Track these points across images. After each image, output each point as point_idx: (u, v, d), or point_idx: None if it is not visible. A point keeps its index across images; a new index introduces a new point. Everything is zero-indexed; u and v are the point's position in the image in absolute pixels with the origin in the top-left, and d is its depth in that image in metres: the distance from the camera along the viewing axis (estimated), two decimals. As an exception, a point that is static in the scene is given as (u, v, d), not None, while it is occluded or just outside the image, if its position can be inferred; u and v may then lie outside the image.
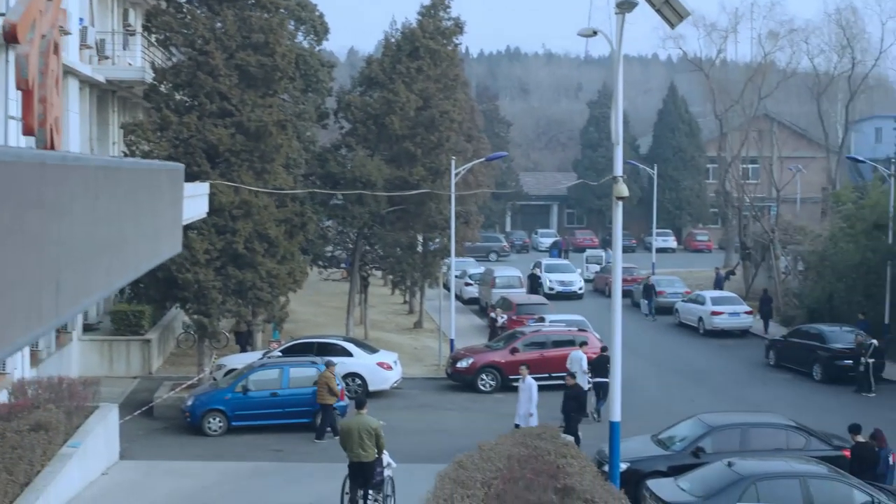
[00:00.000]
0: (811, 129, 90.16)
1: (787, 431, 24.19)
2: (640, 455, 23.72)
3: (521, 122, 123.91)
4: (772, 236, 55.68)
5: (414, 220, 42.95)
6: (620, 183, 22.13)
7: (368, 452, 20.68)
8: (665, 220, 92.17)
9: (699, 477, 21.01)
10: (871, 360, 36.47)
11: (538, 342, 37.40)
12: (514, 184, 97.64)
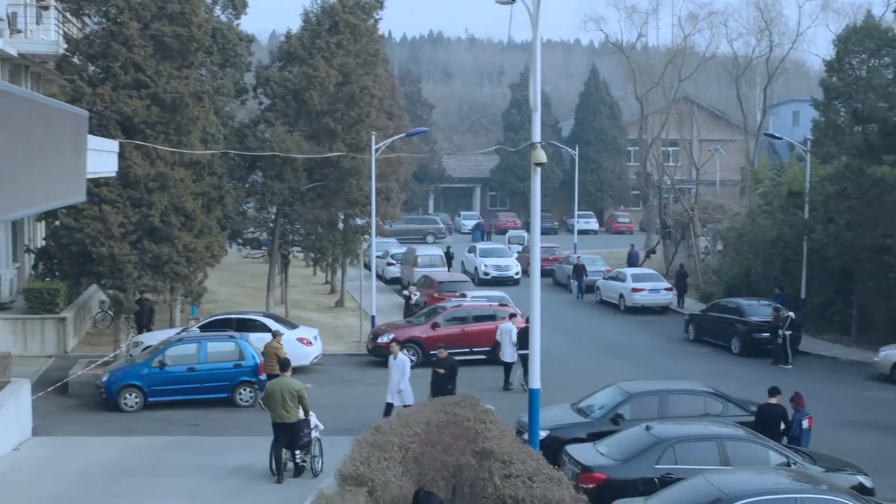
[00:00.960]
0: (730, 112, 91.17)
1: (705, 398, 24.32)
2: (559, 423, 23.69)
3: (445, 106, 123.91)
4: (691, 215, 56.20)
5: (334, 197, 42.56)
6: (538, 149, 22.13)
7: (291, 413, 21.35)
8: (587, 202, 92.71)
9: (618, 441, 21.04)
10: (788, 332, 36.93)
11: (459, 317, 37.31)
12: (437, 166, 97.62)
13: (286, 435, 21.57)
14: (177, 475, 22.16)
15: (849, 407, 30.83)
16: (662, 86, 74.80)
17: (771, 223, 46.46)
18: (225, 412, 29.16)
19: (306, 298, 51.73)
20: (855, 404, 31.37)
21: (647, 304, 48.59)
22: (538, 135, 22.23)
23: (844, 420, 28.81)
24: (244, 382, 29.96)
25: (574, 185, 74.99)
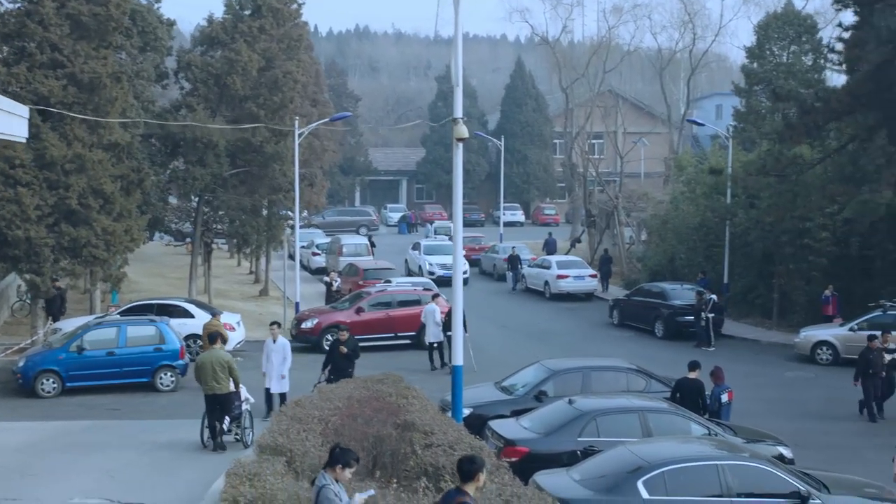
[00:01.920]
0: (655, 104, 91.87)
1: (628, 374, 24.40)
2: (483, 400, 23.60)
3: (371, 100, 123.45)
4: (615, 203, 56.48)
5: (258, 183, 42.17)
6: (460, 124, 21.94)
7: (222, 385, 21.62)
8: (513, 194, 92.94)
9: (541, 415, 20.98)
10: (711, 314, 37.23)
11: (384, 302, 37.16)
12: (364, 159, 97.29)
13: (217, 406, 21.71)
14: (100, 452, 21.78)
15: (770, 387, 31.12)
16: (587, 78, 75.01)
17: (694, 209, 46.87)
18: (146, 397, 28.79)
19: (230, 288, 51.24)
20: (776, 384, 31.68)
21: (572, 291, 48.74)
22: (460, 110, 22.03)
23: (766, 399, 29.09)
24: (165, 367, 29.59)
25: (500, 177, 75.03)
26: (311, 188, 49.04)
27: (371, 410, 18.38)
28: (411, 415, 18.01)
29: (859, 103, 25.27)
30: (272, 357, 25.59)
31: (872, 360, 26.98)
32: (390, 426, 17.53)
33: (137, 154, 35.46)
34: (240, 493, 12.48)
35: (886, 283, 38.12)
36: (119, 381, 29.18)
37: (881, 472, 19.69)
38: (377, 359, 32.29)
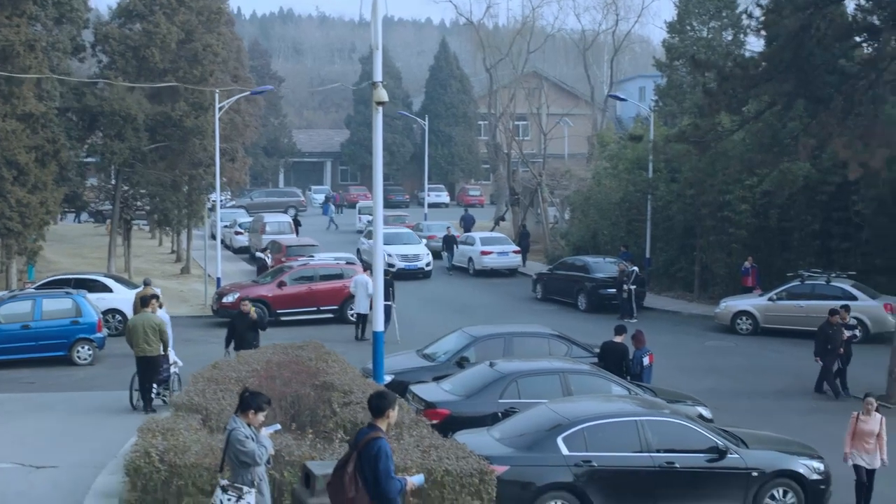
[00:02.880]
0: (579, 86, 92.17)
1: (549, 339, 24.43)
2: (405, 367, 23.48)
3: (295, 83, 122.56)
4: (539, 180, 56.58)
5: (178, 158, 41.60)
6: (380, 88, 21.86)
7: (153, 347, 21.90)
8: (438, 175, 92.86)
9: (462, 378, 20.93)
10: (633, 287, 37.43)
11: (306, 276, 36.90)
12: (287, 140, 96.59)
13: (147, 368, 21.99)
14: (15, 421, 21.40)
15: (691, 355, 31.37)
16: (511, 58, 74.99)
17: (616, 184, 47.11)
18: (63, 370, 28.34)
19: (151, 267, 50.59)
20: (697, 353, 31.94)
21: (495, 267, 48.77)
22: (379, 73, 21.93)
23: (686, 366, 29.31)
24: (82, 340, 29.13)
25: (424, 158, 74.88)
26: (233, 164, 48.52)
27: (290, 373, 18.22)
28: (330, 377, 17.89)
29: (777, 71, 25.44)
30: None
31: (832, 336, 26.05)
32: (309, 387, 17.38)
33: (53, 126, 34.74)
34: (151, 444, 12.26)
35: (804, 254, 38.65)
36: (35, 354, 28.72)
37: (796, 433, 19.89)
38: (300, 332, 31.96)
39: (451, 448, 12.94)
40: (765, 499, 16.87)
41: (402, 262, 47.39)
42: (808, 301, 33.87)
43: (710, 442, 16.93)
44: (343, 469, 10.22)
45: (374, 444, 10.18)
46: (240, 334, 24.90)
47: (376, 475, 10.07)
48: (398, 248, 47.87)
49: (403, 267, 46.94)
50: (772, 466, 17.06)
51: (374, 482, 10.09)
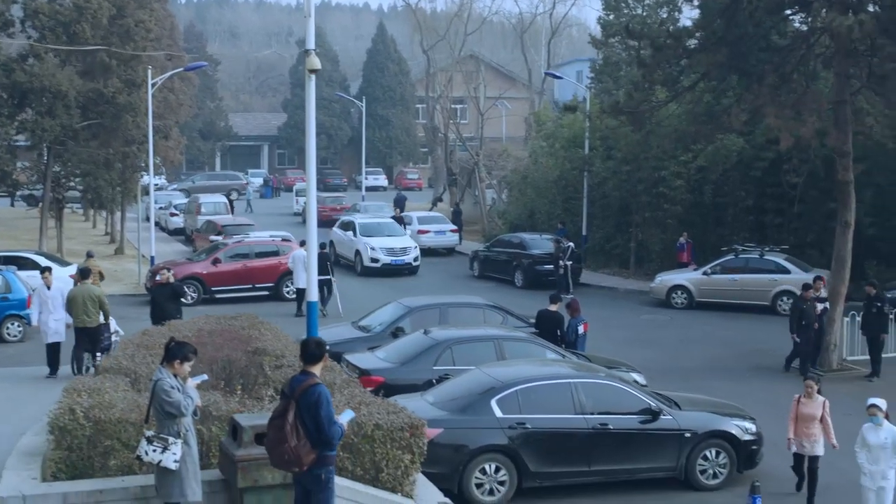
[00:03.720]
0: (517, 70, 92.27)
1: (485, 310, 24.52)
2: (340, 338, 23.35)
3: (232, 67, 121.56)
4: (476, 160, 56.56)
5: (110, 136, 41.00)
6: (313, 55, 21.55)
7: (92, 318, 21.96)
8: (376, 159, 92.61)
9: (396, 346, 20.91)
10: (569, 262, 37.51)
11: (241, 253, 36.59)
12: (224, 123, 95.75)
13: (88, 339, 22.04)
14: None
15: (626, 328, 31.49)
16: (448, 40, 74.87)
17: (553, 163, 47.23)
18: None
19: (84, 248, 49.67)
20: (632, 326, 32.09)
21: (432, 246, 48.61)
22: (312, 42, 21.62)
23: (622, 338, 29.45)
24: (12, 316, 28.66)
25: (362, 141, 74.55)
26: (167, 142, 47.95)
27: (222, 340, 17.97)
28: (263, 343, 17.69)
29: (710, 41, 25.56)
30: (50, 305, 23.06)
31: (806, 312, 25.02)
32: (241, 353, 17.17)
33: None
34: (76, 402, 12.03)
35: (738, 229, 39.02)
36: (-42, 329, 28.19)
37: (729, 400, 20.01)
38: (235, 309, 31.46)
39: (381, 405, 12.85)
40: (698, 459, 17.02)
41: (387, 256, 42.08)
42: (742, 275, 34.21)
43: (644, 404, 17.03)
44: (282, 419, 10.08)
45: (314, 391, 10.06)
46: (160, 306, 24.05)
47: (318, 422, 9.96)
48: (382, 241, 42.76)
49: (389, 262, 41.78)
50: (704, 427, 17.19)
51: (315, 429, 9.97)
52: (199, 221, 50.15)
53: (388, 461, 11.85)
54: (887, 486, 14.23)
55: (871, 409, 14.37)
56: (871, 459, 14.30)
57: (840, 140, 25.38)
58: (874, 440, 14.25)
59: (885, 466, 14.21)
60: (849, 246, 26.13)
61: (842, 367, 26.08)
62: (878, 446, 14.22)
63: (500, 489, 16.18)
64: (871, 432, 14.35)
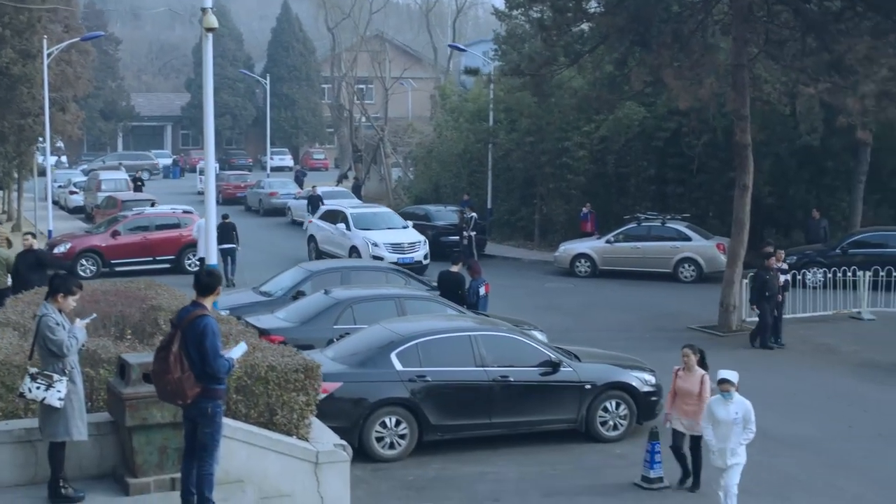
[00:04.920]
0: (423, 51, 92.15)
1: (387, 273, 24.61)
2: (240, 303, 23.06)
3: (134, 48, 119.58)
4: (381, 135, 56.36)
5: (4, 108, 40.03)
6: (209, 14, 21.21)
7: (1, 280, 21.81)
8: (281, 139, 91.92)
9: (297, 307, 20.76)
10: (473, 233, 37.53)
11: (142, 225, 36.02)
12: (126, 103, 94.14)
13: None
14: None
15: (530, 295, 31.55)
16: (353, 19, 74.56)
17: (458, 136, 47.25)
18: None
19: (-21, 224, 48.86)
20: (536, 293, 32.18)
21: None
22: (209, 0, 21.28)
23: (526, 305, 29.45)
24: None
25: (267, 121, 73.90)
26: (64, 115, 46.91)
27: (116, 297, 17.64)
28: (159, 300, 17.38)
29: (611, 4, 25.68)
30: None
31: (769, 282, 24.17)
32: (135, 309, 16.85)
33: None
34: (-43, 347, 11.65)
35: (641, 199, 39.40)
36: None
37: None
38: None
39: (276, 350, 12.66)
40: (598, 410, 17.06)
41: (392, 253, 34.68)
42: (645, 242, 34.56)
43: (544, 356, 17.05)
44: (167, 349, 9.85)
45: (200, 322, 9.83)
46: (23, 276, 21.38)
47: (203, 353, 9.73)
48: (383, 236, 35.51)
49: (395, 261, 33.09)
50: (604, 379, 17.26)
51: (200, 361, 9.74)
52: (100, 198, 49.30)
53: (283, 404, 11.67)
54: (737, 463, 13.09)
55: (724, 385, 13.06)
56: (719, 436, 13.11)
57: (738, 103, 25.69)
58: (723, 415, 13.05)
59: (734, 444, 13.01)
60: (747, 209, 26.48)
61: (741, 328, 26.43)
62: (727, 422, 13.02)
63: (401, 442, 16.08)
64: (719, 406, 13.16)
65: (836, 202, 37.42)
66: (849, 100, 23.77)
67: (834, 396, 20.46)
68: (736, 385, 13.10)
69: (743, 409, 13.02)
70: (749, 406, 13.05)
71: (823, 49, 25.26)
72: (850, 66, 24.26)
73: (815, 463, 16.32)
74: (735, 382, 13.08)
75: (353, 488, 13.10)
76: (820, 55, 25.26)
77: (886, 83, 23.02)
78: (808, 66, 25.63)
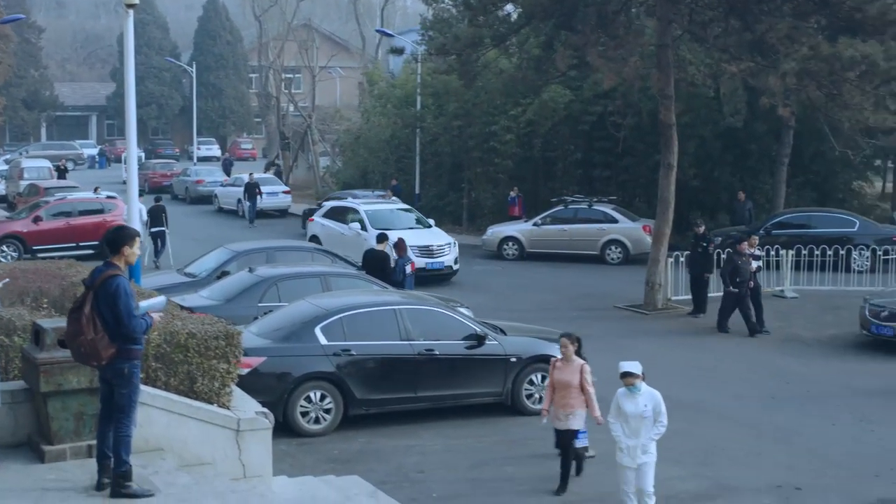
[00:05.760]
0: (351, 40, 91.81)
1: (313, 253, 24.60)
2: (165, 284, 22.80)
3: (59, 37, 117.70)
4: (308, 122, 56.07)
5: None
6: (131, -12, 20.94)
7: None
8: (209, 129, 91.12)
9: (221, 285, 20.67)
10: None
11: (64, 211, 35.47)
12: (49, 93, 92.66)
13: None
14: None
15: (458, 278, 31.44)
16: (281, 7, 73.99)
17: (385, 121, 47.15)
18: None
19: None
20: (464, 274, 31.97)
21: (265, 208, 47.99)
22: (129, -27, 20.98)
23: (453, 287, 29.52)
24: None
25: (193, 111, 73.17)
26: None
27: (35, 275, 17.34)
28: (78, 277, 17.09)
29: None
30: None
31: (741, 267, 23.47)
32: (54, 286, 16.58)
33: None
34: None
35: (568, 182, 39.63)
36: None
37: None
38: (57, 267, 30.75)
39: (196, 318, 12.48)
40: (524, 383, 17.13)
41: (420, 257, 28.87)
42: (572, 225, 34.69)
43: (469, 329, 17.07)
44: (79, 310, 9.63)
45: (112, 282, 9.62)
46: None
47: (116, 314, 9.53)
48: (409, 237, 27.93)
49: (424, 266, 29.22)
50: (529, 352, 17.30)
51: (114, 321, 9.56)
52: (22, 186, 48.51)
53: (204, 371, 11.49)
54: (649, 461, 12.02)
55: (627, 379, 12.00)
56: (629, 432, 12.01)
57: (663, 82, 25.90)
58: (631, 409, 11.95)
59: (645, 439, 11.94)
60: (672, 188, 26.70)
61: (667, 306, 26.67)
62: (636, 416, 11.93)
63: (326, 417, 16.02)
64: (626, 400, 12.04)
65: (760, 185, 37.87)
66: (770, 78, 24.01)
67: (758, 370, 20.70)
68: (641, 376, 12.00)
69: (653, 401, 11.96)
70: (659, 397, 12.01)
71: (746, 29, 25.52)
72: (772, 46, 24.57)
73: (739, 432, 16.51)
74: (639, 373, 11.97)
75: (278, 462, 12.97)
76: (742, 35, 25.51)
77: (807, 62, 23.30)
78: (730, 45, 25.89)
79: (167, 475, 10.41)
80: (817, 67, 23.28)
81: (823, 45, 23.45)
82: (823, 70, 23.41)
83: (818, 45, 23.45)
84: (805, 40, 23.72)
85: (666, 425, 12.08)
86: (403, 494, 13.31)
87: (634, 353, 21.67)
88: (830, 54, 23.00)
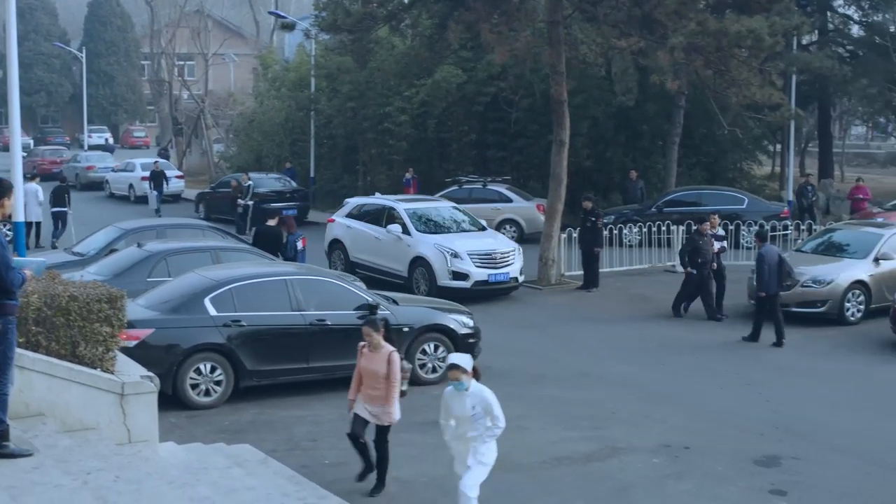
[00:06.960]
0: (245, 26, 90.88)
1: (205, 230, 24.31)
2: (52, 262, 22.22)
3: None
4: (202, 107, 55.40)
5: None
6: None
7: None
8: (100, 117, 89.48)
9: (109, 260, 20.35)
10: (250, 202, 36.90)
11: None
12: None
13: None
14: None
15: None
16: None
17: (279, 105, 46.83)
18: None
19: None
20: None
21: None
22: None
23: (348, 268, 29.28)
24: None
25: (83, 98, 71.78)
26: None
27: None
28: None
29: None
30: None
31: (702, 249, 22.64)
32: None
33: None
34: None
35: (463, 163, 39.70)
36: None
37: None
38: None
39: (79, 284, 12.21)
40: (417, 353, 17.10)
41: (481, 268, 24.11)
42: (467, 205, 34.56)
43: (361, 299, 16.98)
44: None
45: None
46: None
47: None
48: (465, 242, 24.56)
49: (486, 279, 24.13)
50: (421, 322, 17.30)
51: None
52: None
53: (87, 336, 11.25)
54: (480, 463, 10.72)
55: (453, 373, 10.76)
56: (457, 435, 10.96)
57: (554, 58, 26.02)
58: (459, 411, 10.77)
59: (476, 443, 10.71)
60: (564, 164, 26.86)
61: (560, 281, 26.85)
62: (464, 418, 10.75)
63: (217, 389, 15.83)
64: (454, 399, 10.82)
65: (653, 165, 38.35)
66: (659, 53, 24.31)
67: (648, 339, 20.96)
68: (469, 372, 10.72)
69: (481, 401, 10.63)
70: (487, 396, 10.66)
71: (635, 5, 25.76)
72: (661, 22, 24.85)
73: (630, 397, 16.68)
74: (468, 369, 10.71)
75: (167, 434, 12.81)
76: (632, 11, 25.75)
77: (694, 36, 23.64)
78: (620, 21, 26.11)
79: (48, 437, 10.24)
80: (705, 42, 23.66)
81: (710, 20, 23.85)
82: (711, 45, 23.80)
83: (705, 20, 23.83)
84: (693, 16, 24.06)
85: (502, 427, 10.74)
86: (294, 461, 13.19)
87: (529, 326, 21.99)
88: (717, 29, 23.38)
